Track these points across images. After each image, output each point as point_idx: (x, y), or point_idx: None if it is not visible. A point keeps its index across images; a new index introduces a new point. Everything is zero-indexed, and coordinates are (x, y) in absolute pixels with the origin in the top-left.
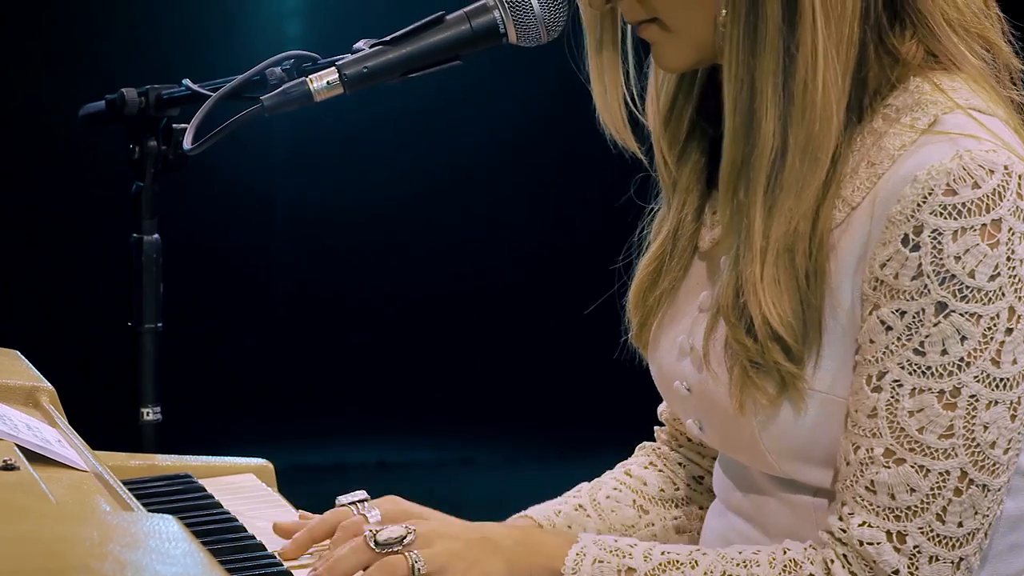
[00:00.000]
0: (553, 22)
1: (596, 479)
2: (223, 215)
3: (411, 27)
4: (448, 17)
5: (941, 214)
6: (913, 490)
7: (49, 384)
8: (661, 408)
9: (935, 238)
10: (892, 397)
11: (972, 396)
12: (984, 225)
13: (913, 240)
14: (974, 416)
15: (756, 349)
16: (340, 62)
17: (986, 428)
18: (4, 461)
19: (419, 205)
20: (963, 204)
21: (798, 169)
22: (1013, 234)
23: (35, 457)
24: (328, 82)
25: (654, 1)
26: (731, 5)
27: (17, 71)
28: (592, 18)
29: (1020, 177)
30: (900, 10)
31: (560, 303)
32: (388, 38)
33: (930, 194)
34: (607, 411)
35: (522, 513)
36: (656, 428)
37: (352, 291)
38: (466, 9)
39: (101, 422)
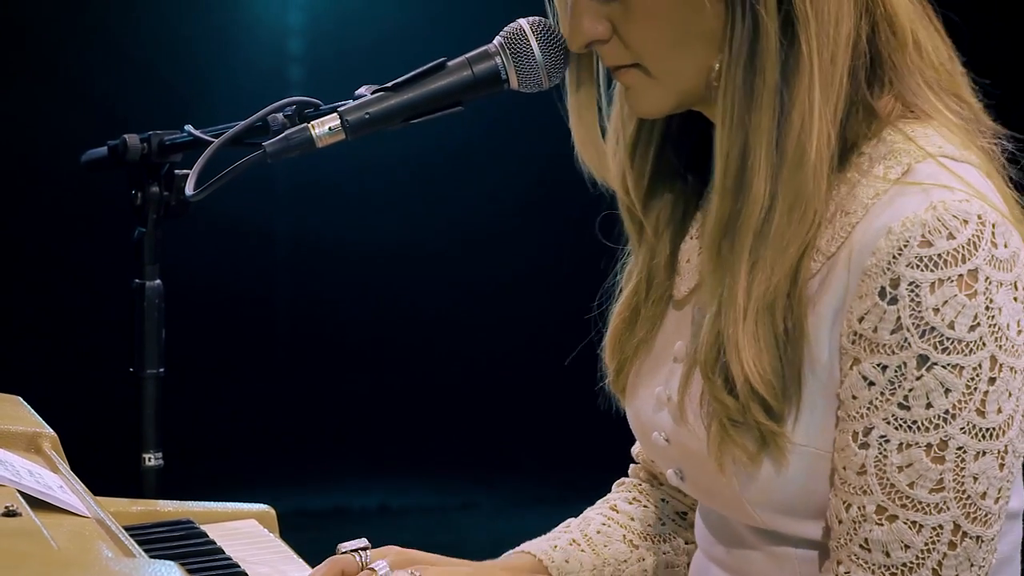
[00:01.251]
0: (554, 68)
1: (582, 515)
2: (224, 261)
3: (413, 73)
4: (450, 63)
5: (917, 266)
6: (907, 546)
7: (51, 430)
8: (635, 449)
9: (912, 290)
10: (880, 453)
11: (960, 448)
12: (961, 276)
13: (890, 293)
14: (963, 468)
15: (736, 408)
16: (342, 108)
17: (976, 479)
18: (6, 507)
19: (419, 250)
20: (939, 255)
21: (784, 227)
22: (990, 283)
23: (37, 503)
24: (330, 128)
25: (640, 46)
26: (727, 59)
27: (20, 117)
28: (571, 56)
29: (994, 226)
30: (880, 69)
31: (560, 348)
32: (390, 84)
33: (905, 246)
34: (607, 454)
35: (519, 549)
36: (631, 466)
37: (353, 337)
38: (468, 55)
39: (103, 468)
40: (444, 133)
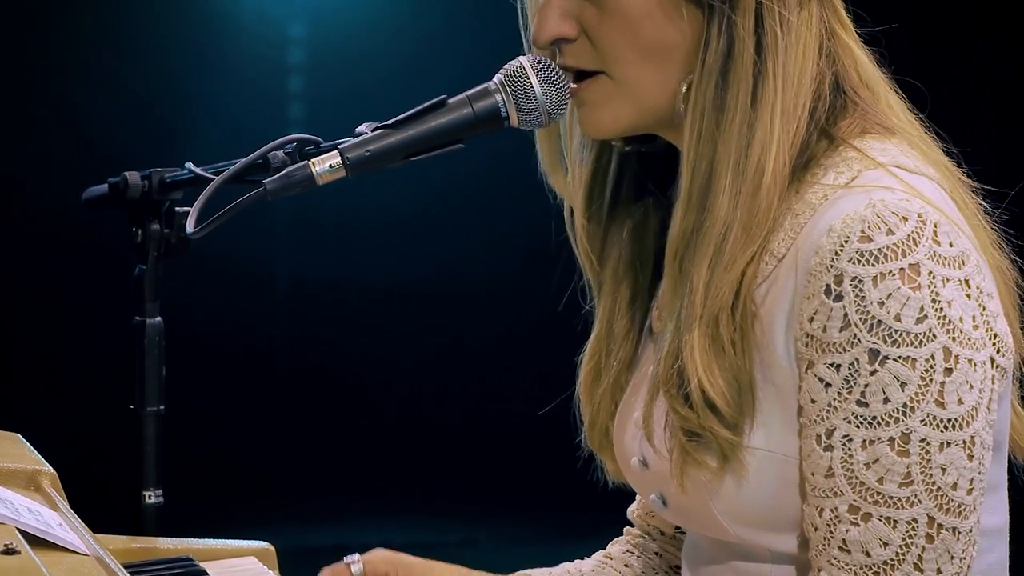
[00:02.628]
0: (555, 105)
1: (576, 560)
2: (224, 298)
3: (413, 111)
4: (450, 101)
5: (858, 261)
6: (886, 544)
7: (50, 467)
8: (632, 508)
9: (856, 286)
10: (845, 452)
11: (922, 440)
12: (902, 269)
13: (835, 290)
14: (929, 460)
15: (693, 418)
16: (342, 146)
17: (944, 470)
18: (5, 545)
19: (418, 290)
20: (879, 250)
21: (736, 245)
22: (934, 277)
23: (36, 541)
24: (330, 165)
25: (610, 49)
26: (699, 74)
27: (20, 154)
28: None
29: (935, 225)
30: (844, 104)
31: (561, 387)
32: (390, 121)
33: (846, 242)
34: (607, 493)
35: (518, 573)
36: (626, 528)
37: (352, 375)
38: (468, 93)
39: (103, 505)
40: (445, 173)
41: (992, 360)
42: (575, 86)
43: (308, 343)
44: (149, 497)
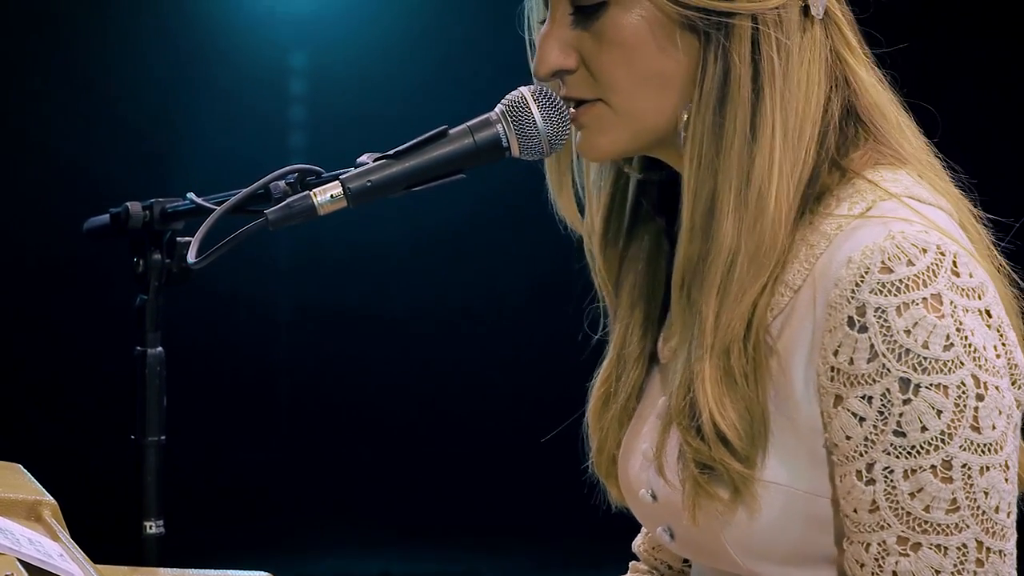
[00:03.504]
0: (556, 136)
1: None
2: (225, 329)
3: (414, 141)
4: (451, 131)
5: (880, 291)
6: (938, 572)
7: (51, 498)
8: (637, 542)
9: (880, 316)
10: (888, 485)
11: (964, 465)
12: (925, 299)
13: (859, 321)
14: (972, 484)
15: (705, 450)
16: (344, 176)
17: (987, 494)
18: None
19: (420, 319)
20: (900, 280)
21: (744, 274)
22: (956, 307)
23: (37, 571)
24: (332, 196)
25: (608, 78)
26: (697, 102)
27: (21, 185)
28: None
29: (955, 256)
30: (856, 131)
31: (565, 416)
32: (392, 152)
33: (866, 273)
34: (611, 523)
35: None
36: (632, 563)
37: (354, 405)
38: (469, 123)
39: (104, 535)
40: (449, 201)
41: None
42: (574, 111)
43: (309, 372)
44: (150, 527)
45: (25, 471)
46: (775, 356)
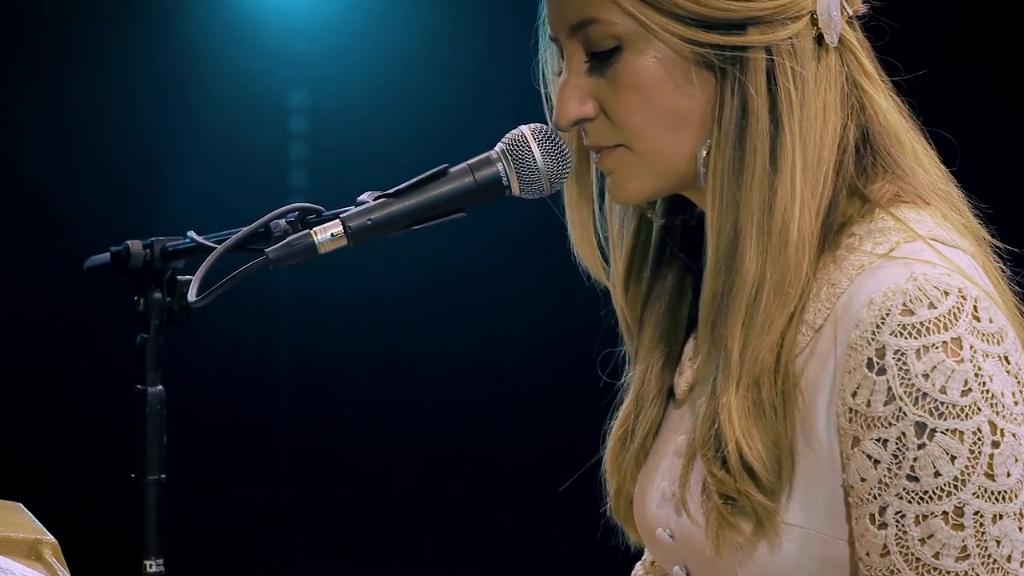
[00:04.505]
0: (556, 175)
1: None
2: (226, 367)
3: (415, 179)
4: (452, 170)
5: (901, 334)
6: None
7: (51, 537)
8: (636, 571)
9: (899, 359)
10: (899, 529)
11: (976, 512)
12: (945, 343)
13: (878, 364)
14: (984, 532)
15: (729, 482)
16: (344, 214)
17: (999, 543)
18: None
19: (421, 367)
20: (921, 323)
21: (770, 305)
22: (976, 352)
23: None
24: (332, 234)
25: (627, 123)
26: (716, 137)
27: (22, 223)
28: (569, 147)
29: (976, 300)
30: (875, 161)
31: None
32: (392, 190)
33: (887, 315)
34: (615, 560)
35: None
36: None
37: (354, 447)
38: (469, 162)
39: (104, 574)
40: (452, 249)
41: None
42: (598, 157)
43: (311, 412)
44: (150, 566)
45: (26, 510)
46: (800, 393)
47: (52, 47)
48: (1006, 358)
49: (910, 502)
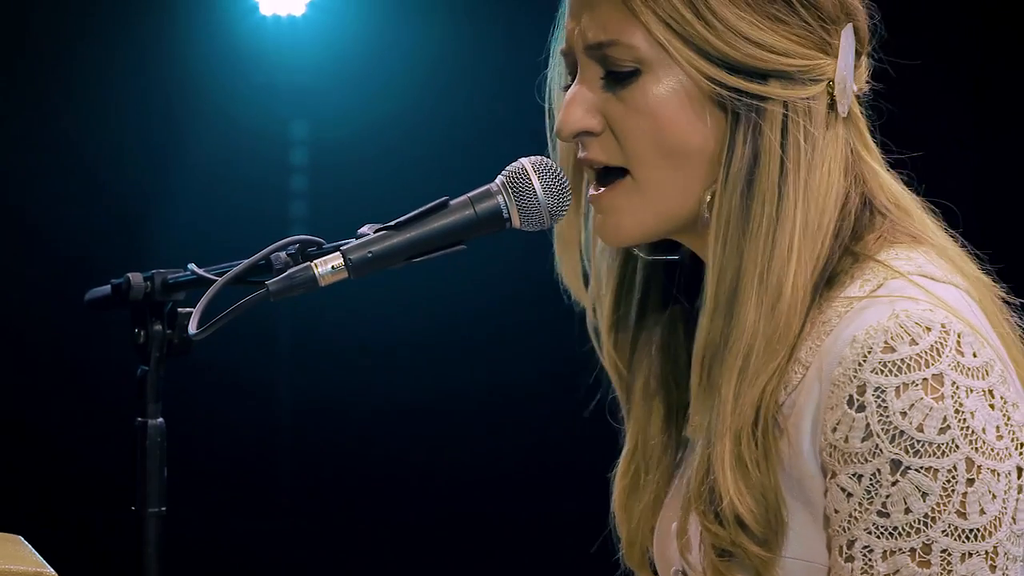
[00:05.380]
0: (557, 207)
1: None
2: (226, 397)
3: (415, 212)
4: (452, 202)
5: (881, 371)
6: None
7: (52, 570)
8: None
9: (879, 396)
10: (865, 564)
11: (944, 551)
12: (925, 380)
13: (858, 400)
14: (950, 570)
15: (724, 535)
16: (345, 247)
17: None
18: None
19: (422, 407)
20: (902, 360)
21: (760, 358)
22: (957, 388)
23: None
24: (333, 267)
25: (634, 146)
26: (724, 180)
27: (22, 255)
28: (563, 167)
29: (959, 335)
30: (871, 218)
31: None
32: (392, 223)
33: (869, 352)
34: None
35: None
36: None
37: (355, 475)
38: (470, 194)
39: None
40: (454, 287)
41: (1020, 470)
42: (596, 192)
43: (311, 444)
44: None
45: (26, 543)
46: (786, 435)
47: (50, 78)
48: (990, 392)
49: (878, 537)
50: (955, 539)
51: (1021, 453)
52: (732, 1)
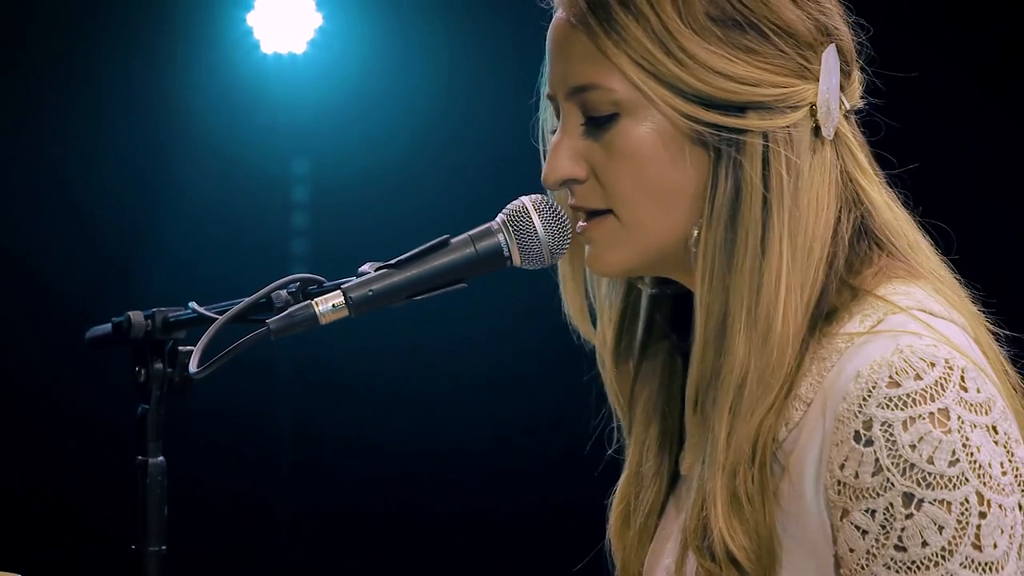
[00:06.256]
0: (557, 245)
1: None
2: (226, 435)
3: (416, 250)
4: (453, 240)
5: (887, 406)
6: None
7: None
8: None
9: (886, 430)
10: None
11: None
12: (932, 413)
13: (865, 435)
14: None
15: (716, 572)
16: (345, 285)
17: None
18: None
19: (422, 442)
20: (907, 395)
21: (753, 394)
22: (963, 423)
23: None
24: (333, 305)
25: (617, 190)
26: (708, 217)
27: (20, 294)
28: (562, 204)
29: (962, 371)
30: (868, 251)
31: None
32: (393, 261)
33: (874, 387)
34: None
35: None
36: None
37: (357, 513)
38: (470, 232)
39: None
40: (451, 318)
41: (1021, 506)
42: (584, 224)
43: (311, 482)
44: None
45: None
46: (787, 473)
47: (49, 117)
48: (994, 428)
49: (898, 572)
50: (973, 571)
51: (1023, 490)
52: (702, 36)
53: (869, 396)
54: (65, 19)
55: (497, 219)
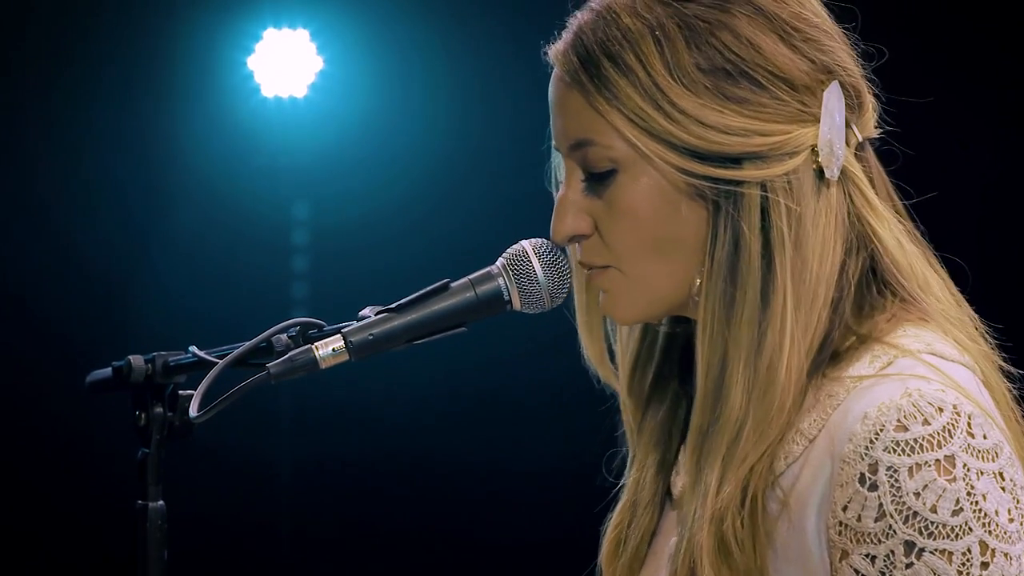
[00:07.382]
0: (557, 289)
1: None
2: (226, 479)
3: (416, 294)
4: (453, 284)
5: (894, 451)
6: None
7: None
8: None
9: (891, 475)
10: None
11: None
12: (938, 460)
13: (870, 479)
14: None
15: None
16: (346, 329)
17: None
18: None
19: (423, 475)
20: (915, 440)
21: (748, 442)
22: (969, 470)
23: None
24: (334, 349)
25: (619, 246)
26: (708, 270)
27: (21, 338)
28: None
29: (970, 416)
30: (879, 294)
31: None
32: (393, 305)
33: (881, 430)
34: None
35: None
36: None
37: (358, 555)
38: (470, 276)
39: None
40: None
41: None
42: (589, 273)
43: (312, 525)
44: None
45: None
46: (786, 509)
47: (48, 160)
48: (1001, 474)
49: None
50: None
51: None
52: (692, 90)
53: (876, 439)
54: (65, 64)
55: (497, 263)
